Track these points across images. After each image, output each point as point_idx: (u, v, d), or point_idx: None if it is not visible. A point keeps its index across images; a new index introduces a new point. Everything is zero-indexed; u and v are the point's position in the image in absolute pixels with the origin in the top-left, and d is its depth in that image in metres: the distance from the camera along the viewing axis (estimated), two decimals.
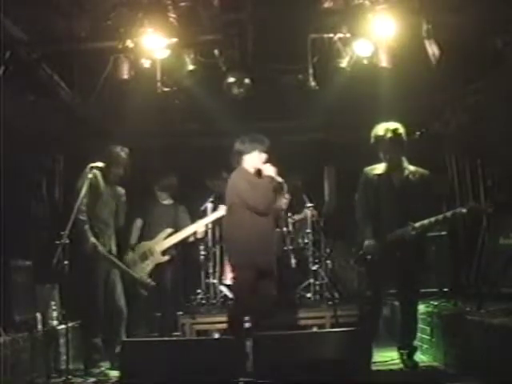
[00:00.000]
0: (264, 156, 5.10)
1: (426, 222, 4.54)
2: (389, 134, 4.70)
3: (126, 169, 5.28)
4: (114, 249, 5.29)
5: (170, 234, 6.16)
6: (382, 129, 4.75)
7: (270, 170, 5.05)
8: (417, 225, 4.55)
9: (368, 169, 4.90)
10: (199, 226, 6.23)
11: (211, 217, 6.28)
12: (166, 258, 6.12)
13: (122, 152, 5.25)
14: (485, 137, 5.83)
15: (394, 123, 4.78)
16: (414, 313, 4.86)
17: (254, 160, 5.09)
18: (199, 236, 6.35)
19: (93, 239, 4.99)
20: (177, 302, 6.45)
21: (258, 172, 5.12)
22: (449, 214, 4.54)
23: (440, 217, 4.54)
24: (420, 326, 5.28)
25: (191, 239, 6.36)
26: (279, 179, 5.05)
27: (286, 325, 5.93)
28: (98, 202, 5.12)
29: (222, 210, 6.02)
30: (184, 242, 6.30)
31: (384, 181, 4.78)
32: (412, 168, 4.78)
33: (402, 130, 4.75)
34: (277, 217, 5.65)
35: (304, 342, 4.22)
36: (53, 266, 4.40)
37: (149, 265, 5.99)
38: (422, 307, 5.32)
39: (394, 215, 4.66)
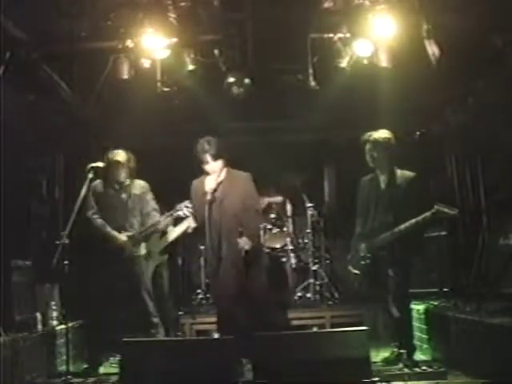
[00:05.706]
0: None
1: (402, 227, 4.62)
2: (368, 143, 4.81)
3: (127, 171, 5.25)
4: None
5: (164, 234, 6.08)
6: (365, 135, 4.86)
7: None
8: (395, 230, 4.64)
9: (365, 177, 5.03)
10: (191, 221, 6.16)
11: None
12: (166, 257, 6.06)
13: (118, 156, 5.17)
14: (485, 137, 5.82)
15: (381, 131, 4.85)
16: (407, 315, 4.88)
17: None
18: (190, 231, 6.28)
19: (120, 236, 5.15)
20: (174, 302, 6.42)
21: None
22: (420, 218, 4.58)
23: (413, 221, 4.59)
24: (420, 325, 5.29)
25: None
26: None
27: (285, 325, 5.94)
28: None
29: None
30: (178, 238, 6.25)
31: (373, 185, 4.90)
32: (399, 172, 4.83)
33: (382, 136, 4.80)
34: None
35: (304, 342, 4.21)
36: (53, 266, 4.41)
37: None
38: (421, 307, 5.32)
39: (382, 218, 4.77)
